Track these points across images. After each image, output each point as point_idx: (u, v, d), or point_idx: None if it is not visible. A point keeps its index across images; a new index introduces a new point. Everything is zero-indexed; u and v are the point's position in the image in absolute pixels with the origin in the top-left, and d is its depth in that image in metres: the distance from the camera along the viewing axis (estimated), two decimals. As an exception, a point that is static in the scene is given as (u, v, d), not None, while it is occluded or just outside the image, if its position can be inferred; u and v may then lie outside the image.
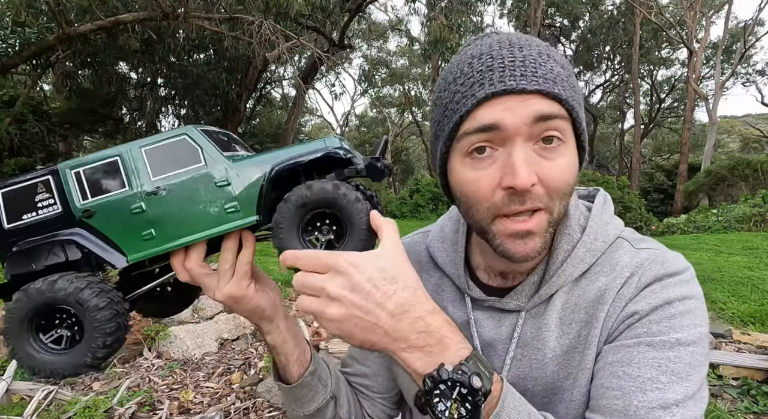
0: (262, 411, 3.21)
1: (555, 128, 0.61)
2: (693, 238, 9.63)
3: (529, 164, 0.60)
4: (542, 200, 0.62)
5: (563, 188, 0.63)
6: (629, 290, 0.67)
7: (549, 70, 0.61)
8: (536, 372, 0.72)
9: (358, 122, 34.66)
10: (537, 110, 0.59)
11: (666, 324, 0.63)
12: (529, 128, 0.60)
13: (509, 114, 0.60)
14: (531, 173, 0.60)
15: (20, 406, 3.10)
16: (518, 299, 0.74)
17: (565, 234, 0.73)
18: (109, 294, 0.69)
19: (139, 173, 0.69)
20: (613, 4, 24.71)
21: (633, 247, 0.72)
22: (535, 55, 0.62)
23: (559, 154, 0.62)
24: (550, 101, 0.60)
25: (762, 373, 3.32)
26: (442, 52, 13.34)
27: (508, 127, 0.60)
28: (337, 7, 11.19)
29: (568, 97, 0.61)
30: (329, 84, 28.00)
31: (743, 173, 15.54)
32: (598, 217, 0.75)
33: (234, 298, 0.76)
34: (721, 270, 6.13)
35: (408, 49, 27.49)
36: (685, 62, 22.93)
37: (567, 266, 0.71)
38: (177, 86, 14.79)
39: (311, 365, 0.84)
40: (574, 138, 0.65)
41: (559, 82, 0.61)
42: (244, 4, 9.25)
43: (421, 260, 0.90)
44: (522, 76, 0.59)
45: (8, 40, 8.57)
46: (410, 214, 15.86)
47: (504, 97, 0.60)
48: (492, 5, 23.12)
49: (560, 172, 0.62)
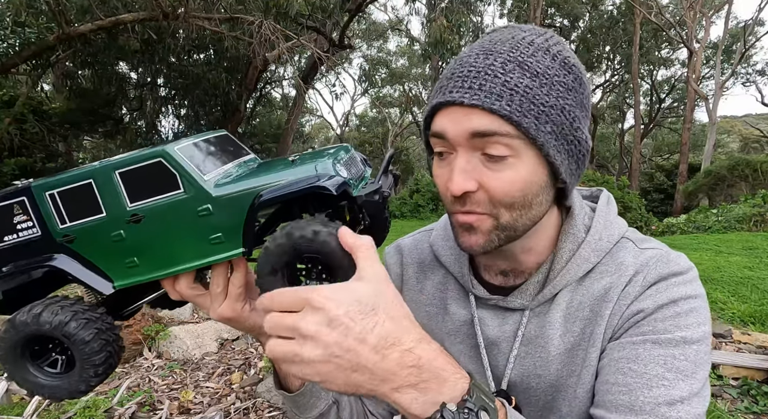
0: (262, 411, 3.21)
1: (497, 144, 0.60)
2: (693, 238, 9.63)
3: (466, 172, 0.62)
4: (483, 205, 0.64)
5: (505, 198, 0.63)
6: (634, 288, 0.68)
7: (502, 84, 0.59)
8: (540, 370, 0.72)
9: (358, 122, 34.66)
10: (473, 126, 0.60)
11: (671, 322, 0.64)
12: (468, 142, 0.61)
13: (452, 126, 0.62)
14: (465, 181, 0.62)
15: (20, 406, 3.10)
16: (522, 297, 0.75)
17: (569, 234, 0.74)
18: (96, 325, 0.66)
19: (115, 197, 0.64)
20: (613, 4, 24.73)
21: (637, 247, 0.73)
22: (498, 63, 0.60)
23: (506, 166, 0.61)
24: (491, 117, 0.59)
25: (762, 373, 3.32)
26: (442, 53, 13.33)
27: (451, 138, 0.62)
28: (337, 7, 11.19)
29: (513, 112, 0.58)
30: (329, 84, 28.05)
31: (743, 173, 15.53)
32: (602, 217, 0.76)
33: (228, 319, 0.74)
34: (721, 270, 6.13)
35: (408, 49, 27.48)
36: (685, 62, 22.94)
37: (571, 265, 0.72)
38: (177, 86, 14.79)
39: None
40: (538, 152, 0.62)
41: (506, 97, 0.58)
42: (244, 4, 9.25)
43: (425, 259, 0.90)
44: (468, 89, 0.59)
45: (8, 40, 8.57)
46: (410, 214, 15.86)
47: (450, 108, 0.61)
48: (492, 5, 23.15)
49: (502, 183, 0.62)
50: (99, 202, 0.64)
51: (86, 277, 0.66)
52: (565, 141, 0.63)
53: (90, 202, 0.64)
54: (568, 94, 0.62)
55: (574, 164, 0.66)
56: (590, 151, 0.68)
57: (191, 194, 0.64)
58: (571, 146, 0.64)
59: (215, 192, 0.64)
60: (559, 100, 0.61)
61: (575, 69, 0.64)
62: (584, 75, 0.66)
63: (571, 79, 0.63)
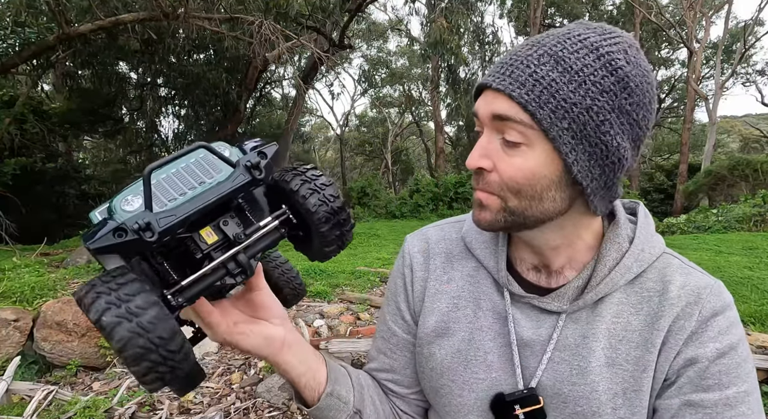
0: (262, 411, 3.21)
1: (512, 129, 0.63)
2: (693, 238, 9.62)
3: (484, 151, 0.67)
4: (493, 186, 0.68)
5: (511, 183, 0.66)
6: (690, 323, 0.69)
7: (529, 74, 0.61)
8: (576, 378, 0.72)
9: (358, 122, 34.66)
10: (494, 109, 0.64)
11: (734, 373, 0.67)
12: (492, 123, 0.66)
13: (482, 106, 0.67)
14: (480, 158, 0.67)
15: (20, 406, 3.10)
16: (560, 300, 0.74)
17: (615, 243, 0.74)
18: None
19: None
20: (613, 4, 24.76)
21: (683, 264, 0.75)
22: (536, 55, 0.62)
23: (518, 153, 0.64)
24: (511, 103, 0.62)
25: (762, 373, 3.32)
26: (442, 53, 13.34)
27: (480, 117, 0.68)
28: (337, 7, 11.20)
29: (529, 102, 0.60)
30: (329, 84, 28.05)
31: (743, 173, 15.54)
32: (644, 229, 0.76)
33: (224, 344, 0.72)
34: (721, 270, 6.13)
35: (408, 49, 27.48)
36: (685, 62, 22.95)
37: (615, 274, 0.72)
38: (177, 86, 14.81)
39: (327, 386, 0.80)
40: (553, 147, 0.62)
41: (528, 86, 0.61)
42: (244, 4, 9.26)
43: (453, 250, 0.88)
44: (500, 75, 0.64)
45: (8, 40, 8.58)
46: (410, 214, 15.85)
47: (487, 91, 0.66)
48: (492, 5, 23.15)
49: (509, 168, 0.65)
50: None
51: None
52: (587, 142, 0.62)
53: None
54: (602, 96, 0.60)
55: (597, 168, 0.64)
56: (627, 161, 0.66)
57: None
58: (595, 149, 0.62)
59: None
60: (586, 100, 0.60)
61: (620, 72, 0.61)
62: (636, 81, 0.62)
63: (610, 81, 0.60)
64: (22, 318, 3.95)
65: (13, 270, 5.71)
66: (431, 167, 26.97)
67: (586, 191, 0.66)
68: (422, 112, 30.95)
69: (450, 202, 15.61)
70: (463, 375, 0.80)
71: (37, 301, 4.59)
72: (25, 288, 4.76)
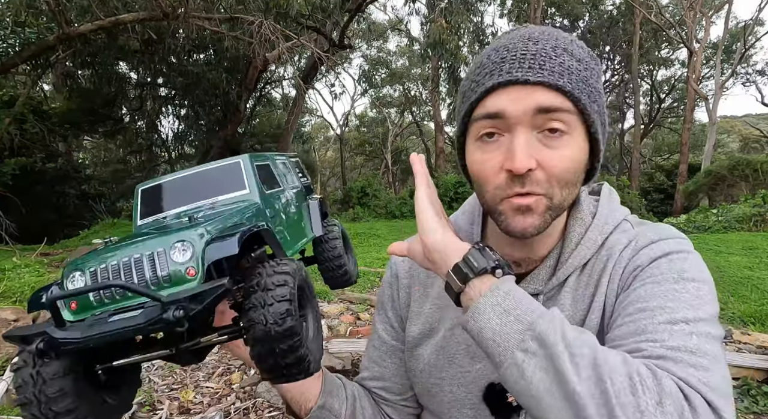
0: (262, 411, 3.21)
1: (558, 120, 0.64)
2: (693, 238, 9.62)
3: (528, 150, 0.63)
4: (541, 185, 0.65)
5: (563, 175, 0.65)
6: (627, 252, 0.71)
7: (559, 64, 0.63)
8: None
9: (357, 122, 34.63)
10: (539, 102, 0.63)
11: (667, 266, 0.66)
12: (532, 118, 0.63)
13: (512, 104, 0.63)
14: (528, 158, 0.63)
15: (20, 406, 3.10)
16: (536, 283, 0.77)
17: (577, 218, 0.77)
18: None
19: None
20: (613, 4, 24.71)
21: (633, 227, 0.77)
22: (549, 48, 0.64)
23: (563, 143, 0.65)
24: (554, 93, 0.63)
25: (762, 373, 3.32)
26: (441, 53, 13.31)
27: (511, 116, 0.64)
28: (337, 7, 11.19)
29: (574, 89, 0.63)
30: (329, 84, 28.00)
31: (743, 173, 15.53)
32: (606, 204, 0.79)
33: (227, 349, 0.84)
34: (721, 270, 6.13)
35: (408, 49, 27.46)
36: (685, 62, 22.94)
37: (581, 248, 0.75)
38: (177, 86, 14.81)
39: (320, 398, 0.85)
40: (585, 131, 0.67)
41: (566, 75, 0.63)
42: (244, 4, 9.25)
43: None
44: (529, 69, 0.63)
45: (8, 40, 8.58)
46: (410, 214, 15.84)
47: (510, 88, 0.64)
48: (492, 5, 23.12)
49: (560, 159, 0.64)
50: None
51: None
52: (603, 122, 0.69)
53: None
54: (599, 81, 0.68)
55: (604, 144, 0.71)
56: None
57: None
58: (604, 127, 0.70)
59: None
60: (598, 84, 0.67)
61: (597, 61, 0.70)
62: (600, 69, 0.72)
63: (598, 69, 0.69)
64: (22, 318, 3.95)
65: (13, 270, 5.71)
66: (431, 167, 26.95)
67: (596, 169, 0.72)
68: (422, 112, 30.93)
69: (450, 202, 15.61)
70: (450, 371, 0.82)
71: (37, 301, 4.59)
72: (25, 288, 4.76)
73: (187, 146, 18.87)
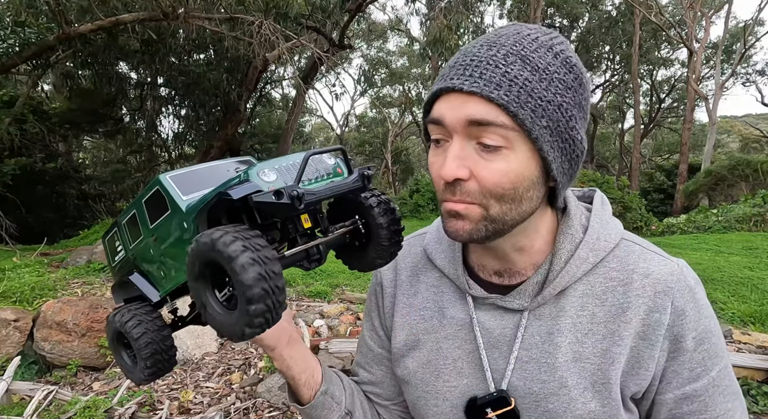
0: (262, 411, 3.20)
1: (492, 133, 0.60)
2: (693, 238, 9.62)
3: (459, 160, 0.62)
4: (473, 195, 0.64)
5: (495, 189, 0.62)
6: (665, 316, 0.69)
7: (502, 74, 0.59)
8: (545, 375, 0.72)
9: (357, 122, 34.64)
10: (470, 113, 0.60)
11: (713, 353, 0.71)
12: (466, 129, 0.61)
13: (450, 112, 0.62)
14: (459, 168, 0.62)
15: (20, 406, 3.10)
16: (521, 298, 0.74)
17: (567, 234, 0.73)
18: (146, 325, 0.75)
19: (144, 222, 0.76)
20: (613, 4, 24.72)
21: (644, 249, 0.74)
22: (500, 55, 0.60)
23: (500, 157, 0.61)
24: (489, 106, 0.59)
25: (762, 373, 3.32)
26: (441, 52, 13.33)
27: (447, 124, 0.62)
28: (337, 7, 11.20)
29: (510, 102, 0.58)
30: (329, 84, 28.01)
31: (743, 173, 15.53)
32: (598, 217, 0.75)
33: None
34: (721, 270, 6.13)
35: (408, 49, 27.47)
36: (685, 62, 22.93)
37: (570, 266, 0.71)
38: (177, 86, 14.80)
39: (322, 385, 0.84)
40: (533, 147, 0.61)
41: (505, 87, 0.58)
42: (244, 4, 9.26)
43: (418, 263, 0.89)
44: (469, 77, 0.60)
45: (8, 40, 8.57)
46: (410, 214, 15.83)
47: (450, 95, 0.62)
48: (492, 5, 23.14)
49: (493, 174, 0.61)
50: (139, 226, 0.75)
51: (144, 289, 0.78)
52: (560, 139, 0.62)
53: (135, 226, 0.76)
54: (567, 93, 0.62)
55: (567, 163, 0.65)
56: (584, 153, 0.67)
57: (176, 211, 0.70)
58: (566, 145, 0.63)
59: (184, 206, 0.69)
60: (557, 97, 0.61)
61: (576, 69, 0.63)
62: (585, 77, 0.65)
63: (571, 78, 0.62)
64: (22, 317, 3.95)
65: (13, 270, 5.71)
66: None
67: (558, 187, 0.67)
68: (422, 112, 30.94)
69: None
70: (436, 385, 0.80)
71: (37, 301, 4.59)
72: (25, 288, 4.76)
73: (187, 146, 18.84)
